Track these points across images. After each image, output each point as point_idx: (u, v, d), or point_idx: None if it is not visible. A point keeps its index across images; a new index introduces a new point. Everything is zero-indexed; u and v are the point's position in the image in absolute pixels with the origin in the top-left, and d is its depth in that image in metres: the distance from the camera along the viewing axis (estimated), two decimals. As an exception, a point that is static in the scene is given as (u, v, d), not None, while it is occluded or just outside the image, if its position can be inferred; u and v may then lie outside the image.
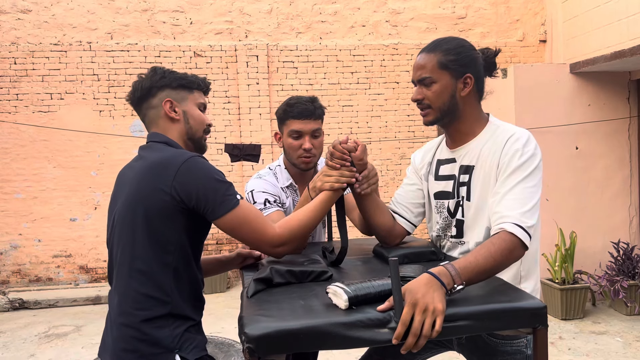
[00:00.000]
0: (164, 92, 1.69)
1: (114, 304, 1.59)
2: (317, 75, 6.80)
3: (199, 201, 1.52)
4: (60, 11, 6.41)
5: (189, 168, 1.52)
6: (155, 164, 1.56)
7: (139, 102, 1.72)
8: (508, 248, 1.45)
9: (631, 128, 5.57)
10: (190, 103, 1.72)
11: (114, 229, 1.64)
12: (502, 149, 1.62)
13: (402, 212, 1.89)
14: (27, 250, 6.44)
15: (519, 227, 1.48)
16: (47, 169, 6.41)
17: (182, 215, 1.54)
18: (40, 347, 4.67)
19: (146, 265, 1.54)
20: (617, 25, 5.05)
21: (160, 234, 1.54)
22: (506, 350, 1.62)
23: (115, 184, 1.73)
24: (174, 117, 1.69)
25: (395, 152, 6.95)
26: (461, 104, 1.70)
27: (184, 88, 1.72)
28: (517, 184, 1.56)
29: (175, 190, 1.51)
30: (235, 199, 1.55)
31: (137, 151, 1.72)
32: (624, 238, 5.47)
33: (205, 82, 1.79)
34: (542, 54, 6.98)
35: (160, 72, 1.71)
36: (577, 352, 4.18)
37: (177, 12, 6.60)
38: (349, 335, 1.21)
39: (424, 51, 1.72)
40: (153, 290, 1.53)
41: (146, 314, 1.52)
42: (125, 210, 1.58)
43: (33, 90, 6.37)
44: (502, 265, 1.44)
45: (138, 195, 1.55)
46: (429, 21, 6.92)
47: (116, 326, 1.56)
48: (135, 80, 1.73)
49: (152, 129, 1.72)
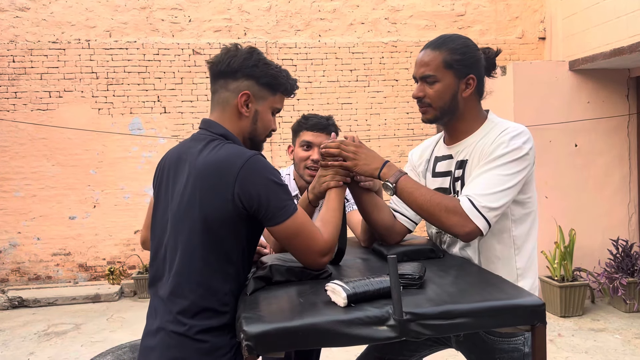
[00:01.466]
0: (247, 82, 1.54)
1: (166, 310, 1.48)
2: (316, 73, 6.80)
3: (260, 206, 1.42)
4: (58, 9, 6.40)
5: (249, 171, 1.42)
6: (213, 167, 1.44)
7: (217, 75, 1.57)
8: (448, 207, 1.54)
9: (630, 125, 5.57)
10: (267, 104, 1.58)
11: (169, 232, 1.51)
12: (493, 141, 1.62)
13: (402, 209, 1.88)
14: (26, 248, 6.44)
15: (470, 201, 1.52)
16: (46, 167, 6.41)
17: (244, 222, 1.45)
18: (39, 345, 4.68)
19: (206, 278, 1.44)
20: (616, 23, 5.05)
21: (224, 244, 1.44)
22: (503, 348, 1.62)
23: (163, 174, 1.60)
24: (244, 113, 1.55)
25: (395, 149, 6.95)
26: (462, 104, 1.69)
27: (269, 87, 1.57)
28: (490, 169, 1.57)
29: (238, 196, 1.41)
30: (294, 204, 1.47)
31: (188, 140, 1.58)
32: (623, 235, 5.47)
33: (293, 87, 1.63)
34: (541, 51, 6.98)
35: (255, 58, 1.55)
36: (576, 350, 4.18)
37: (176, 10, 6.59)
38: (347, 332, 1.21)
39: (428, 47, 1.70)
40: (211, 302, 1.44)
41: (203, 325, 1.43)
42: (183, 216, 1.47)
43: (32, 89, 6.36)
44: (432, 214, 1.58)
45: (197, 203, 1.44)
46: (428, 18, 6.92)
47: (167, 333, 1.46)
48: (228, 50, 1.57)
49: (214, 111, 1.59)
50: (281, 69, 1.60)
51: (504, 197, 1.53)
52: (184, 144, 1.61)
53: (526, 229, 1.69)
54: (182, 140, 1.66)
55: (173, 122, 6.59)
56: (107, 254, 6.55)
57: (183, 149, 1.58)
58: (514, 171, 1.56)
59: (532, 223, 1.70)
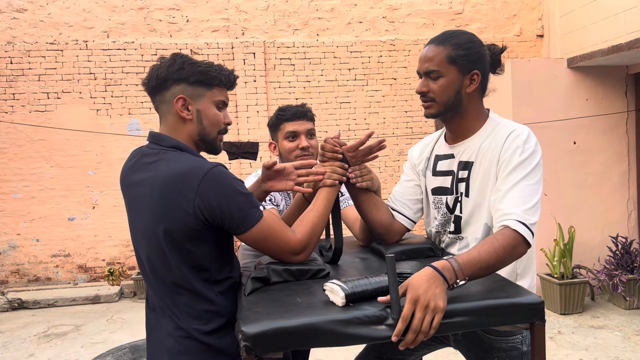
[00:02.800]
0: (178, 87, 1.52)
1: (166, 320, 1.51)
2: (315, 72, 6.79)
3: (223, 218, 1.43)
4: (56, 10, 6.39)
5: (209, 184, 1.41)
6: (172, 181, 1.42)
7: (152, 92, 1.56)
8: (511, 244, 1.43)
9: (629, 122, 5.57)
10: (206, 101, 1.55)
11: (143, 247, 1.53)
12: (503, 145, 1.60)
13: (400, 208, 1.88)
14: (25, 250, 6.43)
15: (522, 224, 1.47)
16: (44, 168, 6.40)
17: (210, 232, 1.46)
18: (39, 346, 4.67)
19: (188, 284, 1.46)
20: (614, 20, 5.05)
21: (193, 254, 1.45)
22: (501, 346, 1.61)
23: (126, 193, 1.58)
24: (186, 117, 1.53)
25: (394, 148, 6.94)
26: (465, 100, 1.68)
27: (202, 84, 1.53)
28: (519, 181, 1.54)
29: (199, 210, 1.40)
30: (259, 211, 1.48)
31: (139, 155, 1.56)
32: (622, 232, 5.47)
33: (229, 77, 1.58)
34: (540, 48, 6.98)
35: (179, 62, 1.52)
36: (577, 347, 4.18)
37: (174, 10, 6.59)
38: (346, 332, 1.21)
39: (432, 43, 1.68)
40: (204, 304, 1.47)
41: (206, 327, 1.46)
42: (151, 231, 1.47)
43: (30, 90, 6.36)
44: (504, 262, 1.43)
45: (160, 217, 1.43)
46: (426, 17, 6.91)
47: (174, 339, 1.48)
48: (153, 65, 1.56)
49: (161, 124, 1.58)
50: (211, 64, 1.57)
51: (538, 208, 1.54)
52: (134, 158, 1.58)
53: (526, 228, 1.68)
54: (131, 154, 1.62)
55: (171, 123, 6.58)
56: (106, 254, 6.54)
57: (137, 164, 1.55)
58: (538, 177, 1.57)
59: (535, 223, 1.70)
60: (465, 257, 1.35)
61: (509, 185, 1.55)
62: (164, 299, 1.51)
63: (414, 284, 1.24)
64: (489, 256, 1.38)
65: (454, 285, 1.29)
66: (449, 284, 1.27)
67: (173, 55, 1.55)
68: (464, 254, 1.37)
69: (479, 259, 1.36)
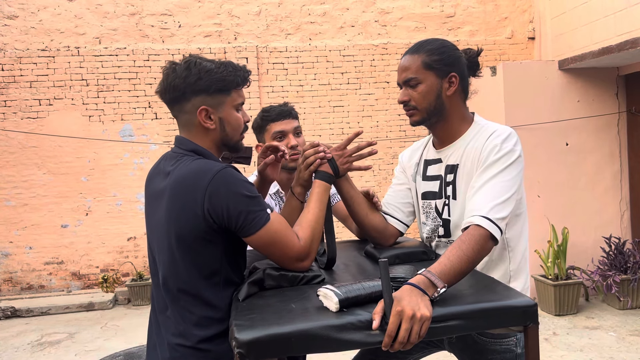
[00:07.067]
0: (199, 98, 1.51)
1: (166, 325, 1.50)
2: (307, 76, 6.80)
3: (231, 219, 1.42)
4: (47, 16, 6.37)
5: (218, 186, 1.41)
6: (182, 184, 1.44)
7: (170, 103, 1.56)
8: (478, 242, 1.45)
9: (620, 123, 5.61)
10: (227, 107, 1.55)
11: (156, 249, 1.54)
12: (483, 145, 1.62)
13: (393, 212, 1.89)
14: (18, 257, 6.38)
15: (487, 219, 1.49)
16: (37, 175, 6.36)
17: (220, 235, 1.45)
18: (33, 355, 4.63)
19: (196, 289, 1.46)
20: (604, 22, 5.09)
21: (203, 256, 1.45)
22: (495, 349, 1.62)
23: (147, 194, 1.61)
24: (209, 127, 1.53)
25: (387, 151, 6.95)
26: (447, 104, 1.70)
27: (221, 92, 1.53)
28: (491, 177, 1.56)
29: (208, 212, 1.41)
30: (266, 214, 1.46)
31: (162, 159, 1.59)
32: (616, 233, 5.50)
33: (244, 75, 1.58)
34: (531, 51, 7.02)
35: (195, 72, 1.50)
36: (572, 348, 4.19)
37: (165, 16, 6.58)
38: (340, 337, 1.21)
39: (407, 53, 1.73)
40: (207, 311, 1.46)
41: (205, 334, 1.45)
42: (162, 233, 1.48)
43: (21, 97, 6.32)
44: (475, 261, 1.44)
45: (172, 220, 1.45)
46: (418, 20, 6.94)
47: (172, 347, 1.47)
48: (167, 74, 1.54)
49: (182, 131, 1.58)
50: (224, 66, 1.55)
51: (510, 204, 1.54)
52: (160, 162, 1.62)
53: (518, 230, 1.70)
54: (161, 156, 1.66)
55: (165, 128, 6.57)
56: (100, 261, 6.50)
57: (159, 167, 1.60)
58: (513, 175, 1.57)
59: (523, 223, 1.71)
60: (437, 267, 1.36)
61: (481, 182, 1.57)
62: (165, 301, 1.51)
63: (397, 297, 1.25)
64: (460, 260, 1.39)
65: (435, 295, 1.29)
66: (429, 296, 1.28)
67: (187, 63, 1.53)
68: (435, 264, 1.37)
69: (451, 266, 1.37)
